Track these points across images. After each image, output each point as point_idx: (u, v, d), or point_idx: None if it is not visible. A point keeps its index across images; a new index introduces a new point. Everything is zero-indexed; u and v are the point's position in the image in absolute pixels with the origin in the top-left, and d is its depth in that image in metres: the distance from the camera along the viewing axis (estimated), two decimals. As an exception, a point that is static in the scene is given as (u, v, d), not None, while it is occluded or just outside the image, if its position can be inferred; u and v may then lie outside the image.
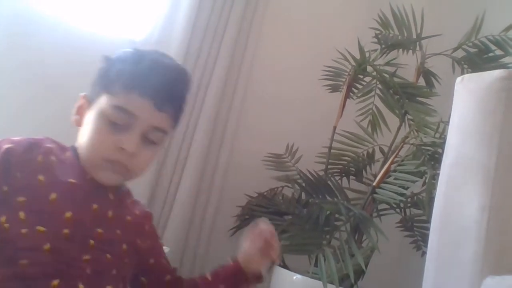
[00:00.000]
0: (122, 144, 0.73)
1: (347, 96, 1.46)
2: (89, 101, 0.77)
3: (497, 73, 0.77)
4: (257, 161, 1.53)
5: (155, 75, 0.76)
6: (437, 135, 1.24)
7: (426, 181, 1.21)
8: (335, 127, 1.46)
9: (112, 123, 0.74)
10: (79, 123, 0.78)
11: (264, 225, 0.88)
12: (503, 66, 1.32)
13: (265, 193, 1.50)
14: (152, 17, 1.41)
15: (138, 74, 0.75)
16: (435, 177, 1.05)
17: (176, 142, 1.42)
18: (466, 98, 0.79)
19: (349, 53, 1.43)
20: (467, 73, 1.30)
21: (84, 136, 0.76)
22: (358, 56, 1.39)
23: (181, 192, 1.40)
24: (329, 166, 1.46)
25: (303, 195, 1.44)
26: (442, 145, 0.87)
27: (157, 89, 0.75)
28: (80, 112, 0.79)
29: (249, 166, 1.57)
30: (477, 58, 1.38)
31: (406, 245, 1.50)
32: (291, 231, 1.31)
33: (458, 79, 0.83)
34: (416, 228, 1.45)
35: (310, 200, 1.39)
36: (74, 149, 0.77)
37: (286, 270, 1.26)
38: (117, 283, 0.74)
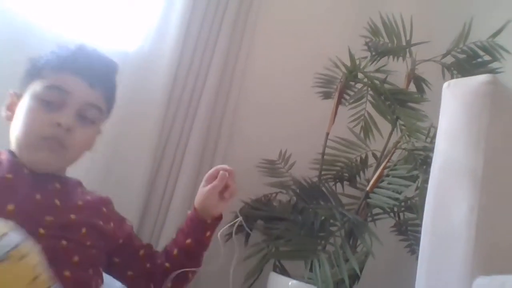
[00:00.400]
0: (58, 119, 0.76)
1: (339, 103, 1.48)
2: (18, 96, 0.81)
3: (482, 78, 0.79)
4: (251, 167, 1.54)
5: (83, 56, 0.82)
6: (428, 139, 1.26)
7: (419, 185, 1.23)
8: (327, 134, 1.48)
9: (45, 102, 0.78)
10: (10, 118, 0.81)
11: (222, 166, 0.94)
12: (492, 71, 1.34)
13: (260, 199, 1.51)
14: (143, 28, 1.42)
15: (67, 56, 0.81)
16: (427, 181, 1.07)
17: (170, 149, 1.43)
18: (453, 103, 0.81)
19: (340, 60, 1.45)
20: (457, 78, 1.32)
21: (18, 122, 0.78)
22: (349, 64, 1.41)
23: (175, 199, 1.41)
24: (322, 172, 1.47)
25: (298, 201, 1.44)
26: (433, 149, 0.88)
27: (87, 67, 0.81)
28: (11, 108, 0.82)
29: (243, 172, 1.57)
30: (466, 63, 1.41)
31: (401, 249, 1.50)
32: (286, 237, 1.31)
33: (445, 84, 0.84)
34: (410, 232, 1.46)
35: (304, 206, 1.39)
36: (9, 150, 0.80)
37: (282, 276, 1.27)
38: (80, 269, 0.74)
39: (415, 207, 1.30)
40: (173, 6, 1.43)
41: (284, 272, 1.34)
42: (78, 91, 0.79)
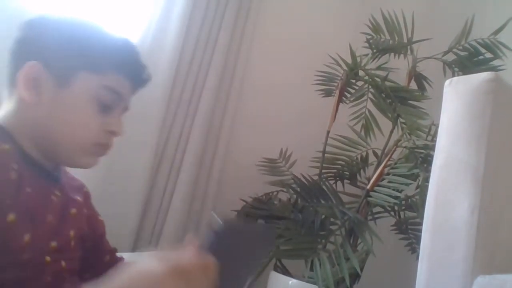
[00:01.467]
0: (110, 127, 0.70)
1: (339, 101, 1.48)
2: (51, 74, 0.66)
3: (484, 75, 0.78)
4: (252, 166, 1.54)
5: (135, 57, 0.74)
6: (429, 137, 1.25)
7: (420, 183, 1.23)
8: (328, 132, 1.47)
9: (101, 104, 0.69)
10: (34, 101, 0.65)
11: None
12: (493, 68, 1.34)
13: (261, 198, 1.51)
14: (144, 23, 1.42)
15: (125, 55, 0.72)
16: (428, 179, 1.06)
17: (171, 147, 1.43)
18: (455, 101, 0.80)
19: (341, 58, 1.44)
20: (458, 76, 1.31)
21: (63, 122, 0.67)
22: (350, 61, 1.41)
23: (176, 198, 1.40)
24: (323, 170, 1.47)
25: (298, 200, 1.44)
26: (434, 147, 0.87)
27: (137, 73, 0.74)
28: (35, 85, 0.66)
29: (243, 171, 1.57)
30: (467, 61, 1.40)
31: (401, 248, 1.50)
32: (286, 236, 1.31)
33: (447, 82, 0.84)
34: (410, 230, 1.46)
35: (305, 205, 1.39)
36: (19, 147, 0.64)
37: (282, 275, 1.26)
38: (74, 279, 0.70)
39: (416, 205, 1.29)
40: (174, 0, 1.43)
41: (284, 271, 1.34)
42: (127, 96, 0.74)
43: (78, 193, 0.78)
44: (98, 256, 0.81)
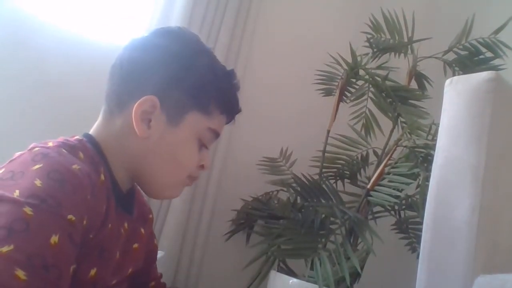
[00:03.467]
0: (204, 162, 0.72)
1: (340, 100, 1.47)
2: (165, 109, 0.65)
3: (485, 74, 0.78)
4: (252, 165, 1.54)
5: (235, 93, 0.74)
6: (430, 137, 1.25)
7: (420, 183, 1.23)
8: (328, 131, 1.47)
9: (200, 143, 0.70)
10: (146, 135, 0.65)
11: None
12: (494, 68, 1.33)
13: (260, 197, 1.51)
14: (144, 24, 1.42)
15: (229, 93, 0.72)
16: (428, 179, 1.06)
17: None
18: (455, 100, 0.80)
19: (341, 57, 1.44)
20: (458, 75, 1.31)
21: (168, 158, 0.67)
22: (350, 60, 1.41)
23: (176, 198, 1.40)
24: (323, 170, 1.47)
25: (298, 199, 1.44)
26: (434, 147, 0.87)
27: (235, 109, 0.75)
28: (147, 118, 0.65)
29: (243, 170, 1.57)
30: (467, 60, 1.40)
31: (402, 247, 1.50)
32: (286, 235, 1.31)
33: (447, 81, 0.84)
34: (411, 230, 1.46)
35: (305, 204, 1.39)
36: (107, 168, 0.63)
37: (282, 274, 1.26)
38: None
39: (416, 205, 1.29)
40: (175, 1, 1.43)
41: (285, 270, 1.34)
42: (222, 132, 0.75)
43: (144, 222, 0.77)
44: (144, 282, 0.81)
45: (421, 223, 0.83)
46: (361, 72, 1.42)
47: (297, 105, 1.69)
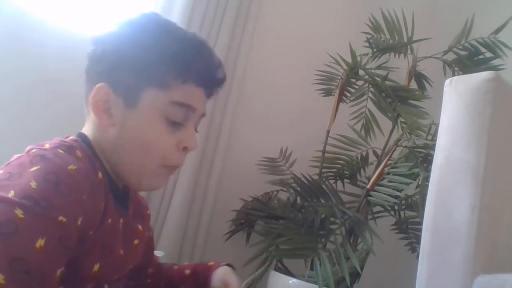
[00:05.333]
0: (183, 143, 0.65)
1: (340, 100, 1.47)
2: (119, 94, 0.63)
3: (484, 74, 0.78)
4: (252, 165, 1.54)
5: (204, 58, 0.65)
6: (429, 137, 1.25)
7: (420, 183, 1.23)
8: (328, 131, 1.47)
9: (171, 122, 0.64)
10: (110, 124, 0.63)
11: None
12: (493, 68, 1.33)
13: (260, 197, 1.51)
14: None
15: (190, 60, 0.63)
16: (428, 179, 1.06)
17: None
18: (455, 100, 0.80)
19: (341, 57, 1.44)
20: (458, 75, 1.31)
21: (136, 144, 0.63)
22: (350, 60, 1.41)
23: (176, 198, 1.41)
24: (323, 170, 1.47)
25: (298, 199, 1.44)
26: (434, 147, 0.87)
27: (210, 76, 0.67)
28: (108, 111, 0.63)
29: (243, 170, 1.57)
30: (467, 60, 1.40)
31: (401, 247, 1.50)
32: (286, 235, 1.31)
33: (447, 81, 0.84)
34: (410, 230, 1.46)
35: (305, 204, 1.39)
36: (102, 165, 0.63)
37: (282, 274, 1.26)
38: None
39: (416, 205, 1.29)
40: (174, 1, 1.43)
41: (282, 270, 1.34)
42: (201, 105, 0.67)
43: (141, 219, 0.75)
44: (143, 269, 0.82)
45: (421, 223, 0.83)
46: (361, 72, 1.42)
47: (297, 105, 1.69)
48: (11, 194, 0.48)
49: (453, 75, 1.40)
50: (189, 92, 0.64)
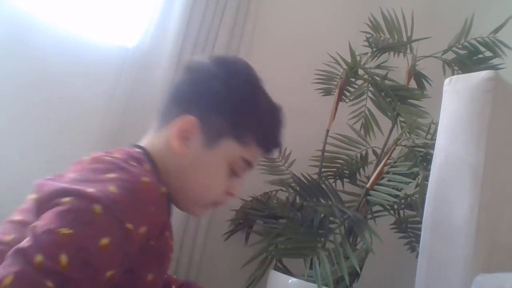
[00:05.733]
0: (232, 189, 0.73)
1: (339, 99, 1.47)
2: (203, 132, 0.69)
3: (484, 74, 0.78)
4: (251, 165, 1.54)
5: (279, 132, 0.76)
6: (429, 136, 1.25)
7: (419, 182, 1.23)
8: (328, 130, 1.47)
9: (232, 171, 0.72)
10: (183, 151, 0.69)
11: None
12: (493, 67, 1.33)
13: (259, 197, 1.50)
14: (143, 24, 1.42)
15: (271, 132, 0.75)
16: (427, 178, 1.06)
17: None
18: (454, 99, 0.80)
19: (340, 56, 1.44)
20: (457, 74, 1.31)
21: (199, 177, 0.70)
22: (349, 60, 1.40)
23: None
24: (322, 169, 1.47)
25: (297, 199, 1.44)
26: (433, 146, 0.87)
27: (276, 145, 0.77)
28: (185, 137, 0.69)
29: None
30: (467, 59, 1.40)
31: (401, 247, 1.50)
32: (285, 235, 1.31)
33: (446, 80, 0.84)
34: (410, 229, 1.46)
35: (304, 204, 1.39)
36: (166, 190, 0.65)
37: (281, 274, 1.26)
38: None
39: (415, 204, 1.29)
40: (174, 1, 1.43)
41: (281, 269, 1.34)
42: (257, 162, 0.76)
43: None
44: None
45: (420, 222, 0.83)
46: (361, 71, 1.42)
47: (296, 104, 1.68)
48: (92, 190, 0.54)
49: (453, 74, 1.40)
50: (256, 153, 0.73)
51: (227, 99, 0.70)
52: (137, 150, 0.69)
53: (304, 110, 1.68)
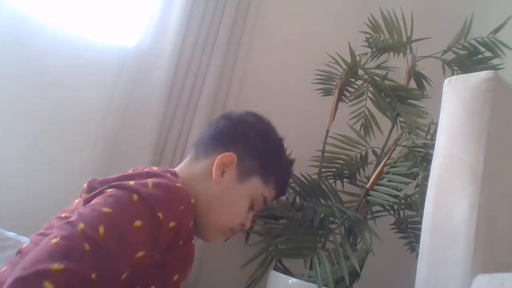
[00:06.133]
0: (245, 221, 0.87)
1: (339, 100, 1.47)
2: (238, 167, 0.85)
3: (483, 74, 0.78)
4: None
5: (290, 176, 0.96)
6: (429, 136, 1.25)
7: (419, 182, 1.23)
8: (328, 131, 1.47)
9: (251, 205, 0.87)
10: (217, 181, 0.83)
11: None
12: (492, 67, 1.33)
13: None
14: (143, 24, 1.42)
15: (286, 177, 0.94)
16: (427, 178, 1.06)
17: (170, 145, 1.42)
18: (454, 99, 0.80)
19: (340, 57, 1.44)
20: (457, 75, 1.31)
21: (225, 205, 0.83)
22: (349, 60, 1.41)
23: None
24: (322, 169, 1.47)
25: (297, 199, 1.44)
26: (433, 146, 0.87)
27: (284, 192, 0.95)
28: (223, 173, 0.84)
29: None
30: (466, 60, 1.40)
31: (401, 247, 1.50)
32: (285, 235, 1.31)
33: (446, 80, 0.84)
34: (410, 229, 1.45)
35: (304, 204, 1.39)
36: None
37: (281, 274, 1.26)
38: None
39: (415, 204, 1.29)
40: (173, 1, 1.43)
41: (281, 270, 1.34)
42: (268, 203, 0.92)
43: None
44: None
45: (420, 223, 0.83)
46: (360, 71, 1.42)
47: (296, 104, 1.69)
48: (132, 183, 0.66)
49: (452, 74, 1.40)
50: (271, 194, 0.90)
51: (260, 146, 0.88)
52: (173, 169, 0.82)
53: (304, 110, 1.68)
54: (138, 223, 0.62)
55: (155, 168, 0.77)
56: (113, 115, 1.35)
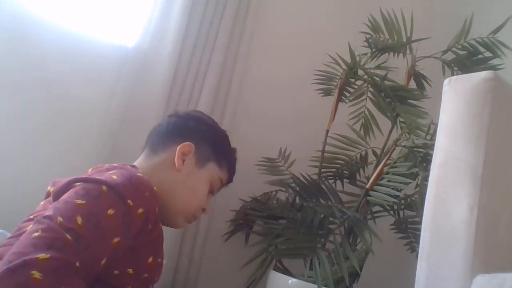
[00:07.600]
0: (205, 205, 0.98)
1: (339, 100, 1.47)
2: (196, 155, 0.94)
3: (483, 74, 0.78)
4: (251, 166, 1.54)
5: (235, 166, 1.06)
6: (429, 136, 1.25)
7: (419, 182, 1.23)
8: (327, 131, 1.47)
9: (210, 189, 0.98)
10: (179, 169, 0.91)
11: None
12: (492, 67, 1.33)
13: (259, 197, 1.50)
14: (143, 23, 1.42)
15: (234, 161, 1.05)
16: (427, 178, 1.06)
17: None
18: (454, 100, 0.80)
19: (340, 57, 1.44)
20: (457, 75, 1.31)
21: (188, 191, 0.92)
22: (349, 60, 1.41)
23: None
24: (322, 170, 1.47)
25: (297, 199, 1.44)
26: (433, 146, 0.87)
27: (233, 175, 1.05)
28: (184, 162, 0.93)
29: (242, 170, 1.56)
30: (466, 60, 1.40)
31: (401, 247, 1.50)
32: (285, 235, 1.31)
33: (446, 80, 0.84)
34: (410, 229, 1.46)
35: (304, 204, 1.39)
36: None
37: (281, 274, 1.26)
38: None
39: (415, 204, 1.29)
40: (174, 1, 1.43)
41: (281, 270, 1.34)
42: (224, 186, 1.04)
43: None
44: None
45: (420, 223, 0.83)
46: (360, 72, 1.42)
47: (296, 105, 1.69)
48: (98, 177, 0.71)
49: (452, 74, 1.40)
50: (225, 177, 1.02)
51: (211, 136, 0.99)
52: (131, 164, 0.89)
53: (304, 110, 1.68)
54: (111, 211, 0.67)
55: (115, 164, 0.83)
56: (113, 114, 1.35)
